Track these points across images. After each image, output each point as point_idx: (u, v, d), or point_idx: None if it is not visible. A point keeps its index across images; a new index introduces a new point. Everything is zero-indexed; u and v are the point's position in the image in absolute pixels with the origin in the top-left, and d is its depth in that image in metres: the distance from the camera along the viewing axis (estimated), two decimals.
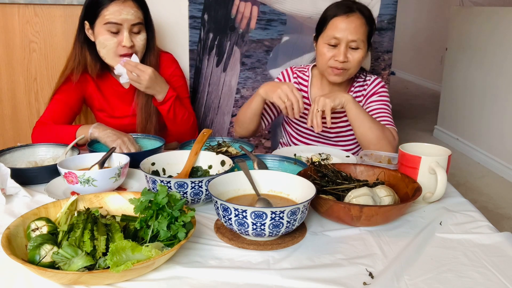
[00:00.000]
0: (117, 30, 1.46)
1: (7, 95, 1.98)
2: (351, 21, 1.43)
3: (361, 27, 1.44)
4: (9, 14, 1.88)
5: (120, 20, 1.44)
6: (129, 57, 1.49)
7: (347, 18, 1.43)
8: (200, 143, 1.20)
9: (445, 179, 1.03)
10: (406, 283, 0.77)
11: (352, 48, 1.44)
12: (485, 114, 3.51)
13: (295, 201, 0.97)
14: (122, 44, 1.46)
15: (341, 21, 1.44)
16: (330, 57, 1.46)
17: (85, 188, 1.05)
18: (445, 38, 4.36)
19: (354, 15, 1.44)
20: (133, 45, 1.48)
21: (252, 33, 2.03)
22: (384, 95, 1.56)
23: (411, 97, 6.04)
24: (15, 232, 0.81)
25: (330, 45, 1.45)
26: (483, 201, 2.90)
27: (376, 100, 1.54)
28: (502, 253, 0.88)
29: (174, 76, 1.67)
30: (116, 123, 1.61)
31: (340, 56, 1.43)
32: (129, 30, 1.47)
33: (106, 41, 1.47)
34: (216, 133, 2.12)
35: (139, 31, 1.50)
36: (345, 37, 1.43)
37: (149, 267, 0.77)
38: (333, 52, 1.46)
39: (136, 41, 1.50)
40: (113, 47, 1.47)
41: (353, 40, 1.43)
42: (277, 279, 0.77)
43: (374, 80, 1.58)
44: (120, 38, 1.46)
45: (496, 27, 3.36)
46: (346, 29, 1.43)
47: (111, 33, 1.46)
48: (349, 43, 1.43)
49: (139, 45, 1.51)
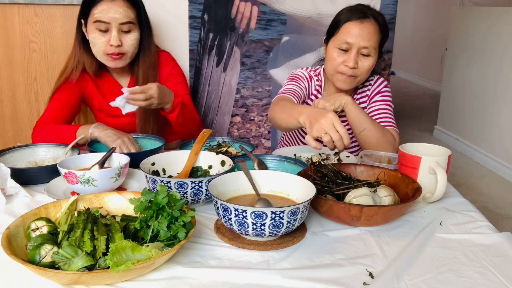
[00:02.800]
0: (106, 29, 1.46)
1: (7, 95, 1.98)
2: (365, 27, 1.40)
3: (374, 34, 1.41)
4: (9, 14, 1.88)
5: (108, 19, 1.44)
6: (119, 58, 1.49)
7: (360, 24, 1.40)
8: (200, 143, 1.20)
9: (445, 179, 1.03)
10: (406, 283, 0.77)
11: (363, 54, 1.42)
12: (485, 114, 3.51)
13: (295, 201, 0.97)
14: (110, 43, 1.46)
15: (355, 26, 1.41)
16: (340, 62, 1.43)
17: (85, 188, 1.05)
18: (445, 38, 4.36)
19: (368, 21, 1.41)
20: (121, 44, 1.47)
21: (252, 33, 2.03)
22: (387, 94, 1.55)
23: (411, 97, 6.04)
24: (15, 232, 0.81)
25: (341, 49, 1.43)
26: (483, 201, 2.90)
27: (379, 100, 1.53)
28: (502, 253, 0.88)
29: (173, 74, 1.66)
30: (115, 122, 1.61)
31: (351, 62, 1.40)
32: (118, 29, 1.46)
33: (95, 39, 1.47)
34: (216, 133, 2.12)
35: (129, 30, 1.49)
36: (357, 42, 1.40)
37: (149, 267, 0.77)
38: (343, 57, 1.43)
39: (126, 40, 1.49)
40: (101, 45, 1.47)
41: (365, 47, 1.40)
42: (277, 279, 0.77)
43: (377, 80, 1.57)
44: (109, 37, 1.46)
45: (496, 27, 3.36)
46: (359, 34, 1.40)
47: (100, 32, 1.46)
48: (360, 49, 1.41)
49: (128, 45, 1.50)
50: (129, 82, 1.65)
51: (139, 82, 1.57)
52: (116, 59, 1.50)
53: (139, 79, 1.58)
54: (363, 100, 1.58)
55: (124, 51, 1.49)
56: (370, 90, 1.57)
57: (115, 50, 1.47)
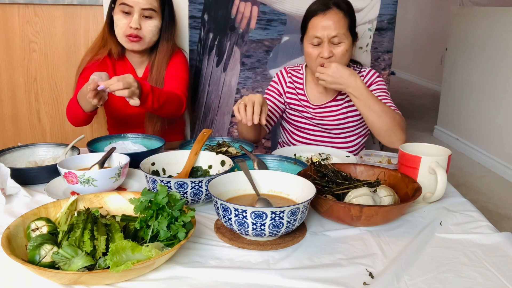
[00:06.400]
0: (129, 11, 1.55)
1: (7, 95, 1.98)
2: (329, 18, 1.45)
3: (339, 21, 1.46)
4: (9, 14, 1.88)
5: (132, 3, 1.54)
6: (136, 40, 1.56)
7: (324, 16, 1.46)
8: (200, 143, 1.20)
9: (445, 179, 1.03)
10: (406, 283, 0.77)
11: (335, 43, 1.47)
12: (485, 114, 3.51)
13: (295, 201, 0.97)
14: (130, 25, 1.55)
15: (319, 19, 1.46)
16: (316, 56, 1.49)
17: (85, 188, 1.05)
18: (445, 38, 4.36)
19: (331, 11, 1.46)
20: (140, 28, 1.56)
21: (252, 33, 2.03)
22: (382, 83, 1.59)
23: (411, 97, 6.04)
24: (15, 232, 0.81)
25: (314, 44, 1.48)
26: (483, 201, 2.90)
27: (376, 89, 1.57)
28: (502, 253, 0.88)
29: (178, 67, 1.70)
30: (126, 108, 1.66)
31: (325, 52, 1.46)
32: (139, 14, 1.55)
33: (118, 20, 1.57)
34: (216, 133, 2.12)
35: (150, 16, 1.57)
36: (325, 34, 1.45)
37: (149, 267, 0.77)
38: (318, 50, 1.48)
39: (145, 25, 1.57)
40: (122, 27, 1.57)
41: (334, 36, 1.45)
42: (277, 279, 0.77)
43: (369, 72, 1.61)
44: (130, 19, 1.55)
45: (496, 27, 3.36)
46: (325, 26, 1.45)
47: (124, 14, 1.56)
48: (330, 39, 1.46)
49: (147, 30, 1.58)
50: (144, 71, 1.72)
51: (153, 71, 1.65)
52: (133, 41, 1.58)
53: (153, 67, 1.66)
54: None
55: (142, 35, 1.58)
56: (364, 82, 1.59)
57: (133, 32, 1.56)
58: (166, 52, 1.66)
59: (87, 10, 1.93)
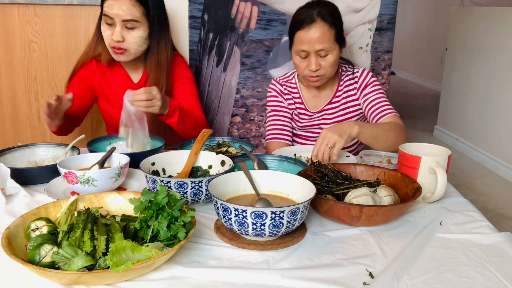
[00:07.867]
0: (112, 23, 1.50)
1: (7, 95, 1.98)
2: (314, 32, 1.42)
3: (325, 34, 1.43)
4: (9, 14, 1.88)
5: (112, 15, 1.47)
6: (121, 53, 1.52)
7: (309, 30, 1.43)
8: (200, 143, 1.20)
9: (445, 179, 1.03)
10: (406, 283, 0.77)
11: (322, 56, 1.46)
12: (485, 114, 3.51)
13: (295, 201, 0.97)
14: (111, 37, 1.50)
15: (304, 34, 1.44)
16: (305, 67, 1.49)
17: (85, 188, 1.05)
18: (445, 38, 4.35)
19: (315, 25, 1.43)
20: (123, 40, 1.50)
21: (252, 33, 2.03)
22: (377, 84, 1.59)
23: (411, 97, 6.04)
24: (15, 232, 0.81)
25: (301, 57, 1.48)
26: (483, 201, 2.89)
27: (372, 91, 1.57)
28: (502, 253, 0.88)
29: (183, 75, 1.67)
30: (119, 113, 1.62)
31: (312, 65, 1.46)
32: (122, 25, 1.49)
33: (103, 31, 1.53)
34: (216, 133, 2.12)
35: (133, 27, 1.50)
36: (311, 48, 1.44)
37: (149, 267, 0.77)
38: (305, 62, 1.48)
39: (128, 37, 1.50)
40: (107, 38, 1.52)
41: (320, 50, 1.44)
42: (277, 279, 0.77)
43: (363, 72, 1.61)
44: (113, 31, 1.50)
45: (496, 27, 3.36)
46: (310, 41, 1.43)
47: (107, 25, 1.51)
48: (317, 52, 1.45)
49: (131, 42, 1.51)
50: (140, 78, 1.67)
51: (149, 79, 1.60)
52: (118, 53, 1.53)
53: (149, 76, 1.61)
54: (353, 92, 1.62)
55: (126, 47, 1.51)
56: (359, 83, 1.60)
57: (117, 44, 1.51)
58: (158, 62, 1.58)
59: (87, 10, 1.92)
